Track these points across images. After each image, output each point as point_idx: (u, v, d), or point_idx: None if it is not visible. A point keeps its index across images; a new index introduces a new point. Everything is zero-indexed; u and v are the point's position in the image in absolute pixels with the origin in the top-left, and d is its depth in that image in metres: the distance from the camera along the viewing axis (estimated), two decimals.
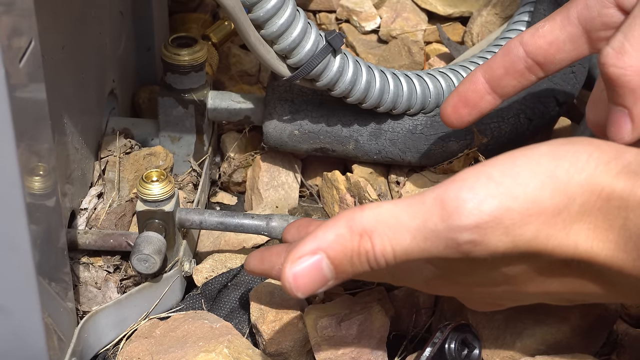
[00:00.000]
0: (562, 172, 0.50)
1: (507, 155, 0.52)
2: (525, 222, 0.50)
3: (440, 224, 0.51)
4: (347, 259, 0.53)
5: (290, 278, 0.54)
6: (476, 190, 0.50)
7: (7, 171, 0.53)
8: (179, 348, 0.67)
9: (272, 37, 0.73)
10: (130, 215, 0.81)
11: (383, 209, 0.53)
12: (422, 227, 0.51)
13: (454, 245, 0.51)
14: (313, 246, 0.54)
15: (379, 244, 0.52)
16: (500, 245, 0.51)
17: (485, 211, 0.50)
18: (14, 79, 0.51)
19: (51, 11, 0.69)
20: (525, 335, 0.65)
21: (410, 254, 0.52)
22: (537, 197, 0.50)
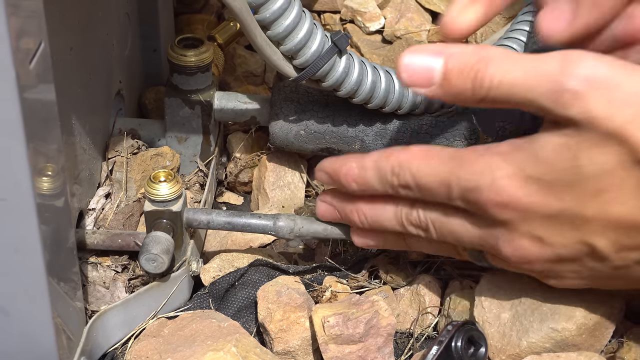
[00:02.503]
0: None
1: None
2: (628, 103, 0.54)
3: (556, 66, 0.55)
4: (458, 70, 0.58)
5: (405, 61, 0.59)
6: (600, 57, 0.55)
7: (18, 172, 0.53)
8: (187, 347, 0.67)
9: (278, 38, 0.73)
10: (138, 215, 0.81)
11: (512, 52, 0.58)
12: (538, 67, 0.56)
13: (557, 89, 0.55)
14: (439, 48, 0.59)
15: (492, 68, 0.57)
16: (599, 108, 0.54)
17: (600, 73, 0.54)
18: (24, 80, 0.51)
19: (59, 13, 0.69)
20: (531, 333, 0.65)
21: (514, 87, 0.56)
22: None
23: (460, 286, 0.73)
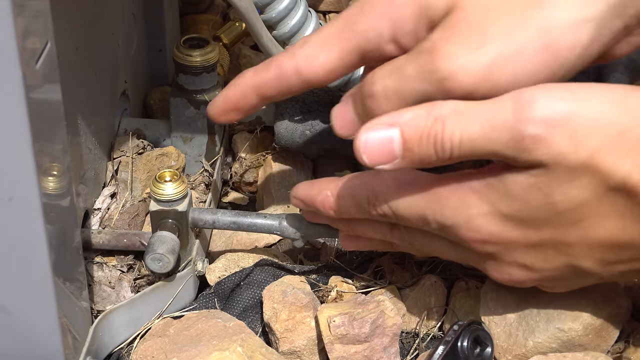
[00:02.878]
0: (634, 99, 0.54)
1: (584, 83, 0.55)
2: (591, 132, 0.53)
3: (511, 115, 0.54)
4: (416, 138, 0.56)
5: (362, 141, 0.57)
6: (551, 92, 0.54)
7: (24, 171, 0.53)
8: (193, 347, 0.67)
9: (284, 38, 0.73)
10: (144, 215, 0.81)
11: (464, 103, 0.56)
12: (493, 118, 0.54)
13: (518, 138, 0.53)
14: (391, 119, 0.57)
15: (449, 127, 0.55)
16: (563, 147, 0.53)
17: (556, 110, 0.53)
18: (30, 80, 0.51)
19: (65, 13, 0.69)
20: (537, 333, 0.65)
21: (475, 143, 0.55)
22: (607, 111, 0.53)
23: (466, 286, 0.73)
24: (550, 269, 0.60)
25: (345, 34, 0.63)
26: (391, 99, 0.60)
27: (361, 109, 0.62)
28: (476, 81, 0.57)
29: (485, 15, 0.58)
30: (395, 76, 0.60)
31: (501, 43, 0.57)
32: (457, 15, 0.58)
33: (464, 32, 0.58)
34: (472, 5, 0.58)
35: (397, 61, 0.60)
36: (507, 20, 0.57)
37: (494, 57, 0.57)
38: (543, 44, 0.57)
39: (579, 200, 0.55)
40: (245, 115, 0.69)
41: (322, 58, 0.63)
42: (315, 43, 0.63)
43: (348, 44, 0.63)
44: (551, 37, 0.57)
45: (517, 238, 0.58)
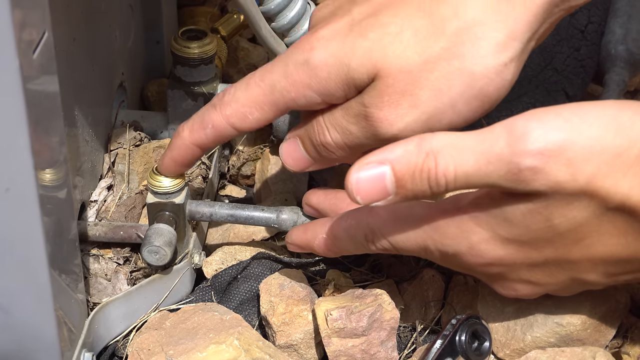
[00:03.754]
0: (626, 118, 0.53)
1: (575, 103, 0.55)
2: (587, 158, 0.52)
3: (506, 148, 0.53)
4: (409, 174, 0.55)
5: (353, 181, 0.56)
6: (544, 122, 0.53)
7: (21, 163, 0.53)
8: (189, 340, 0.67)
9: (282, 30, 0.73)
10: (140, 208, 0.81)
11: (454, 135, 0.55)
12: (487, 151, 0.54)
13: (515, 171, 0.53)
14: (381, 156, 0.56)
15: (442, 163, 0.55)
16: (561, 176, 0.53)
17: (551, 140, 0.53)
18: (27, 70, 0.51)
19: (63, 4, 0.69)
20: (535, 328, 0.65)
21: (470, 177, 0.54)
22: (601, 136, 0.53)
23: (464, 280, 0.73)
24: (555, 283, 0.61)
25: (274, 98, 0.65)
26: (343, 148, 0.65)
27: (314, 153, 0.67)
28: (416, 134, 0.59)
29: (411, 79, 0.60)
30: (342, 131, 0.64)
31: (433, 102, 0.60)
32: (383, 82, 0.61)
33: (394, 97, 0.60)
34: (395, 70, 0.60)
35: (337, 117, 0.64)
36: (433, 80, 0.60)
37: (430, 115, 0.60)
38: (473, 94, 0.60)
39: (579, 221, 0.55)
40: (192, 166, 0.72)
41: (257, 116, 0.66)
42: (244, 103, 0.66)
43: (279, 105, 0.65)
44: (479, 86, 0.59)
45: (521, 259, 0.59)
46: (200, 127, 0.67)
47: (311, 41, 0.63)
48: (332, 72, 0.62)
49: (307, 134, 0.66)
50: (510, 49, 0.59)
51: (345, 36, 0.62)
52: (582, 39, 0.84)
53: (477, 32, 0.59)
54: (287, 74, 0.64)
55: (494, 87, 0.60)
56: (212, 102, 0.67)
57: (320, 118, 0.65)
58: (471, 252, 0.59)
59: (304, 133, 0.67)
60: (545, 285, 0.61)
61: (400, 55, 0.60)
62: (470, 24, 0.59)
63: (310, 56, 0.63)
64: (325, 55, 0.62)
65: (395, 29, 0.61)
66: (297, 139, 0.67)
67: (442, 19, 0.60)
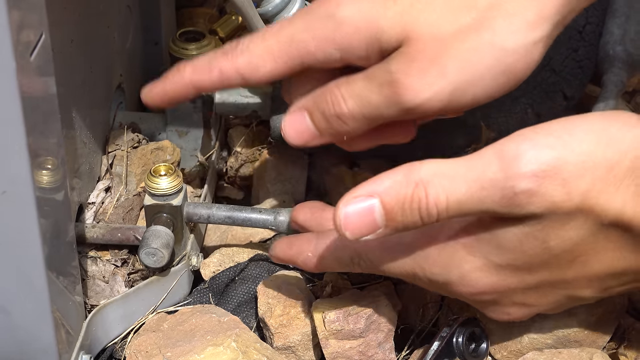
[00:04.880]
0: (614, 130, 0.53)
1: (563, 118, 0.54)
2: (581, 175, 0.52)
3: (499, 172, 0.52)
4: (399, 206, 0.54)
5: (341, 216, 0.55)
6: (536, 142, 0.53)
7: (18, 165, 0.53)
8: (187, 342, 0.67)
9: None
10: (138, 209, 0.81)
11: (442, 163, 0.54)
12: (480, 177, 0.53)
13: (510, 196, 0.52)
14: (369, 189, 0.55)
15: (433, 192, 0.54)
16: (556, 196, 0.52)
17: (544, 160, 0.52)
18: (24, 72, 0.51)
19: (60, 5, 0.69)
20: (533, 330, 0.65)
21: (463, 204, 0.53)
22: (593, 151, 0.52)
23: None
24: (548, 303, 0.60)
25: (291, 50, 0.62)
26: (359, 119, 0.61)
27: (324, 124, 0.63)
28: (440, 107, 0.59)
29: (441, 46, 0.58)
30: (360, 101, 0.61)
31: (461, 73, 0.58)
32: (413, 47, 0.59)
33: (423, 64, 0.58)
34: (426, 36, 0.59)
35: (357, 85, 0.61)
36: (463, 50, 0.58)
37: (456, 86, 0.58)
38: (500, 69, 0.58)
39: (575, 240, 0.54)
40: (176, 104, 0.69)
41: (269, 68, 0.63)
42: (259, 53, 0.63)
43: (295, 60, 0.63)
44: (507, 62, 0.58)
45: (514, 284, 0.58)
46: (205, 69, 0.65)
47: None
48: (360, 28, 0.60)
49: (317, 104, 0.63)
50: (540, 29, 0.58)
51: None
52: (580, 40, 0.83)
53: (508, 8, 0.58)
54: (308, 26, 0.61)
55: (522, 64, 0.59)
56: (224, 49, 0.65)
57: (334, 88, 0.62)
58: (462, 282, 0.58)
59: (312, 104, 0.63)
60: (539, 306, 0.60)
61: (432, 23, 0.59)
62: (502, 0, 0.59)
63: (337, 10, 0.60)
64: (354, 11, 0.60)
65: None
66: (303, 111, 0.64)
67: None
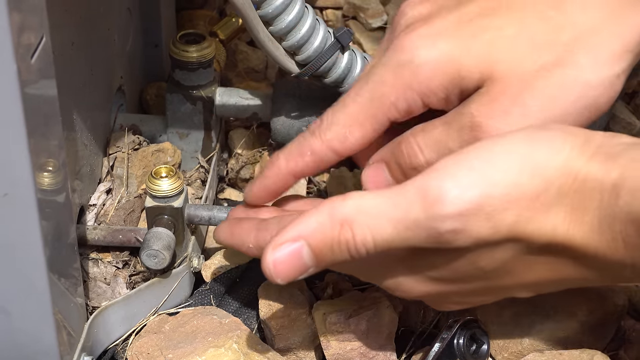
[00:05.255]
0: (539, 156, 0.52)
1: (486, 143, 0.53)
2: (505, 208, 0.51)
3: (422, 213, 0.51)
4: (327, 248, 0.54)
5: (270, 264, 0.55)
6: (457, 179, 0.51)
7: (19, 167, 0.53)
8: (188, 343, 0.67)
9: (280, 34, 0.73)
10: (139, 211, 0.81)
11: (365, 199, 0.53)
12: (404, 217, 0.52)
13: (436, 235, 0.52)
14: (294, 233, 0.54)
15: (359, 233, 0.53)
16: (482, 231, 0.51)
17: (467, 199, 0.51)
18: (25, 75, 0.51)
19: (61, 8, 0.69)
20: (533, 331, 0.65)
21: (391, 243, 0.53)
22: (516, 182, 0.51)
23: None
24: (487, 300, 0.60)
25: (374, 108, 0.61)
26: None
27: (401, 176, 0.61)
28: None
29: (524, 86, 0.57)
30: (438, 149, 0.59)
31: (545, 111, 0.57)
32: (494, 88, 0.57)
33: (505, 105, 0.57)
34: (509, 76, 0.57)
35: (434, 133, 0.59)
36: (546, 88, 0.57)
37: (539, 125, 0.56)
38: (584, 104, 0.57)
39: (505, 259, 0.54)
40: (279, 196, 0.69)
41: (357, 135, 0.62)
42: (344, 123, 0.62)
43: (379, 117, 0.61)
44: (592, 95, 0.57)
45: (451, 290, 0.58)
46: (298, 155, 0.64)
47: (413, 40, 0.59)
48: (439, 70, 0.58)
49: (395, 157, 0.62)
50: (624, 60, 0.57)
51: (454, 34, 0.59)
52: None
53: (593, 41, 0.57)
54: (385, 79, 0.60)
55: (606, 98, 0.57)
56: (310, 129, 0.64)
57: (410, 137, 0.60)
58: (399, 288, 0.59)
59: (390, 156, 0.62)
60: (478, 302, 0.60)
61: (515, 61, 0.57)
62: (586, 33, 0.57)
63: (414, 55, 0.59)
64: (432, 54, 0.59)
65: (511, 32, 0.58)
66: (382, 163, 0.63)
67: (559, 27, 0.58)
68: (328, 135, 0.63)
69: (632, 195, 0.49)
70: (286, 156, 0.65)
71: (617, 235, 0.50)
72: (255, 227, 0.63)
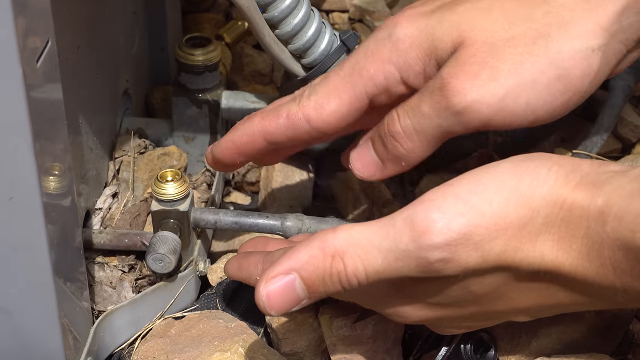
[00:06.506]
0: (524, 186, 0.52)
1: (472, 174, 0.54)
2: (493, 237, 0.51)
3: (411, 244, 0.52)
4: (319, 280, 0.55)
5: (263, 297, 0.55)
6: (445, 210, 0.52)
7: (25, 171, 0.53)
8: (194, 347, 0.67)
9: (286, 37, 0.73)
10: (145, 215, 0.81)
11: (355, 231, 0.54)
12: (393, 248, 0.53)
13: (425, 264, 0.52)
14: (286, 266, 0.55)
15: (351, 264, 0.54)
16: (471, 261, 0.52)
17: (455, 229, 0.51)
18: (31, 79, 0.51)
19: (67, 11, 0.69)
20: (541, 335, 0.65)
21: (382, 273, 0.54)
22: (503, 211, 0.52)
23: None
24: (486, 324, 0.60)
25: (352, 81, 0.63)
26: (412, 136, 0.62)
27: (382, 149, 0.64)
28: (491, 112, 0.58)
29: (494, 52, 0.59)
30: (413, 115, 0.61)
31: (513, 76, 0.58)
32: (465, 52, 0.59)
33: (474, 68, 0.59)
34: (479, 42, 0.59)
35: (411, 101, 0.61)
36: (516, 54, 0.58)
37: (508, 89, 0.58)
38: (555, 74, 0.58)
39: (496, 285, 0.54)
40: (248, 160, 0.69)
41: (333, 105, 0.64)
42: (323, 92, 0.64)
43: (357, 90, 0.63)
44: (563, 67, 0.58)
45: (448, 314, 0.58)
46: (274, 115, 0.65)
47: (395, 18, 0.63)
48: (415, 42, 0.61)
49: (377, 129, 0.64)
50: (599, 37, 0.58)
51: (433, 12, 0.62)
52: None
53: (565, 17, 0.59)
54: (367, 52, 0.63)
55: (579, 71, 0.58)
56: (293, 94, 0.66)
57: (393, 110, 0.62)
58: (396, 314, 0.59)
59: (374, 131, 0.64)
60: (478, 326, 0.61)
61: (487, 29, 0.59)
62: (559, 9, 0.59)
63: (393, 31, 0.62)
64: (410, 29, 0.62)
65: (485, 5, 0.60)
66: (368, 141, 0.65)
67: (533, 4, 0.60)
68: (305, 102, 0.64)
69: (619, 221, 0.49)
70: (262, 114, 0.66)
71: (605, 261, 0.50)
72: (262, 260, 0.64)
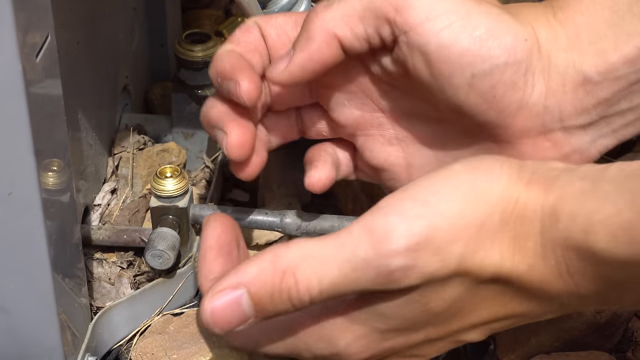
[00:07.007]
0: (481, 184, 0.51)
1: (426, 178, 0.53)
2: (452, 239, 0.50)
3: (370, 251, 0.50)
4: (267, 296, 0.52)
5: (207, 312, 0.53)
6: (403, 213, 0.51)
7: (24, 167, 0.53)
8: (193, 344, 0.67)
9: None
10: (144, 211, 0.81)
11: (309, 245, 0.52)
12: (351, 257, 0.51)
13: (385, 273, 0.51)
14: (234, 280, 0.53)
15: (303, 279, 0.52)
16: (432, 266, 0.50)
17: (415, 232, 0.50)
18: (30, 74, 0.51)
19: (66, 7, 0.69)
20: (540, 332, 0.65)
21: (337, 286, 0.52)
22: (461, 211, 0.51)
23: None
24: (439, 350, 0.59)
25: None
26: None
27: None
28: None
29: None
30: None
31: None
32: None
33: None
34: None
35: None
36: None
37: None
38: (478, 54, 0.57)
39: (454, 298, 0.53)
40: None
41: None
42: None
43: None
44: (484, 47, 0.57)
45: (401, 343, 0.57)
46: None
47: None
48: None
49: None
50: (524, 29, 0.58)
51: None
52: None
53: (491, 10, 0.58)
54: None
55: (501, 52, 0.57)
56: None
57: None
58: (349, 350, 0.57)
59: None
60: (430, 354, 0.59)
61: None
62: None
63: None
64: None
65: None
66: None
67: None
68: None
69: (572, 220, 0.48)
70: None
71: (559, 259, 0.49)
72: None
